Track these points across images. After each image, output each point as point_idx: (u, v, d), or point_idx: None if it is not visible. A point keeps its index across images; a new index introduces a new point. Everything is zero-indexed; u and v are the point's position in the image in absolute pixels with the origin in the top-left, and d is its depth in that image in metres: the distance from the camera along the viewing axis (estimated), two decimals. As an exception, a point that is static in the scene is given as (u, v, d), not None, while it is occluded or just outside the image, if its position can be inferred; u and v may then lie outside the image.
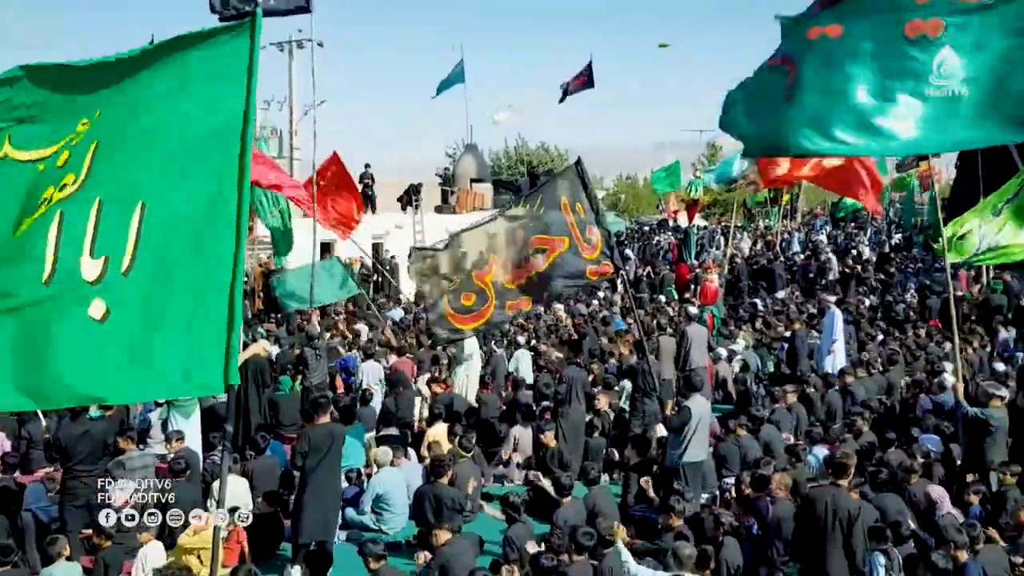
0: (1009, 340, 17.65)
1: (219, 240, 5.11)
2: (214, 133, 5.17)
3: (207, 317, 5.08)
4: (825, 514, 7.80)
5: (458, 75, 35.89)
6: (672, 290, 26.63)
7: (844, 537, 7.75)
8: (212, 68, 5.19)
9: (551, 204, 11.13)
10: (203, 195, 5.17)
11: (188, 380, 5.15)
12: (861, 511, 7.94)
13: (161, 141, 5.24)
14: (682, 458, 10.32)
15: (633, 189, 69.44)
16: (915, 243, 36.29)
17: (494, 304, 11.12)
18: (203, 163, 5.19)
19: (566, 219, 10.98)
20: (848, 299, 23.46)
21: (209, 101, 5.21)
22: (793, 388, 13.73)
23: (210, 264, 5.11)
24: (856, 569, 7.80)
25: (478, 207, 34.75)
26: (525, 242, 11.18)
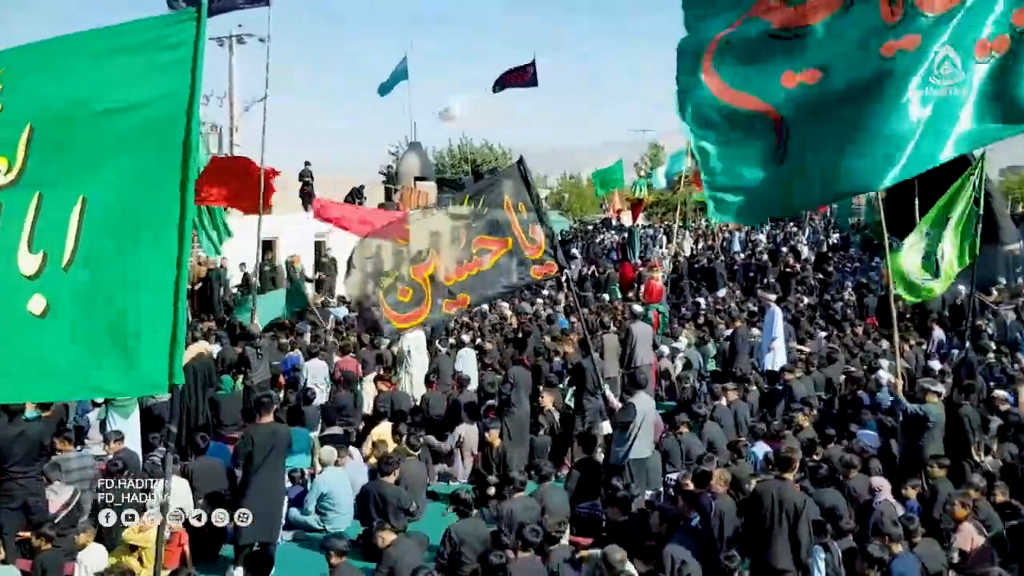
0: (943, 339, 18.09)
1: (162, 236, 5.01)
2: (157, 126, 5.06)
3: (151, 315, 4.98)
4: (772, 507, 8.03)
5: (402, 72, 35.66)
6: (616, 289, 26.80)
7: (790, 529, 7.97)
8: (156, 60, 5.08)
9: (495, 204, 11.10)
10: (146, 190, 5.06)
11: (131, 379, 5.05)
12: (806, 504, 8.17)
13: (103, 134, 5.11)
14: (628, 455, 10.40)
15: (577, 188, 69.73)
16: (852, 243, 37.02)
17: (430, 302, 11.04)
18: (145, 157, 5.07)
19: (510, 219, 10.94)
20: (788, 298, 23.86)
21: (152, 94, 5.09)
22: (734, 385, 13.92)
23: (153, 261, 5.01)
24: (800, 561, 8.00)
25: (422, 205, 34.55)
26: (469, 241, 11.13)
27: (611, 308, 22.17)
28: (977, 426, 10.83)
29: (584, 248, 37.24)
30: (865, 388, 14.14)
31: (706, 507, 9.04)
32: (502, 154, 54.74)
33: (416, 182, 35.98)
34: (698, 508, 9.16)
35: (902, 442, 11.04)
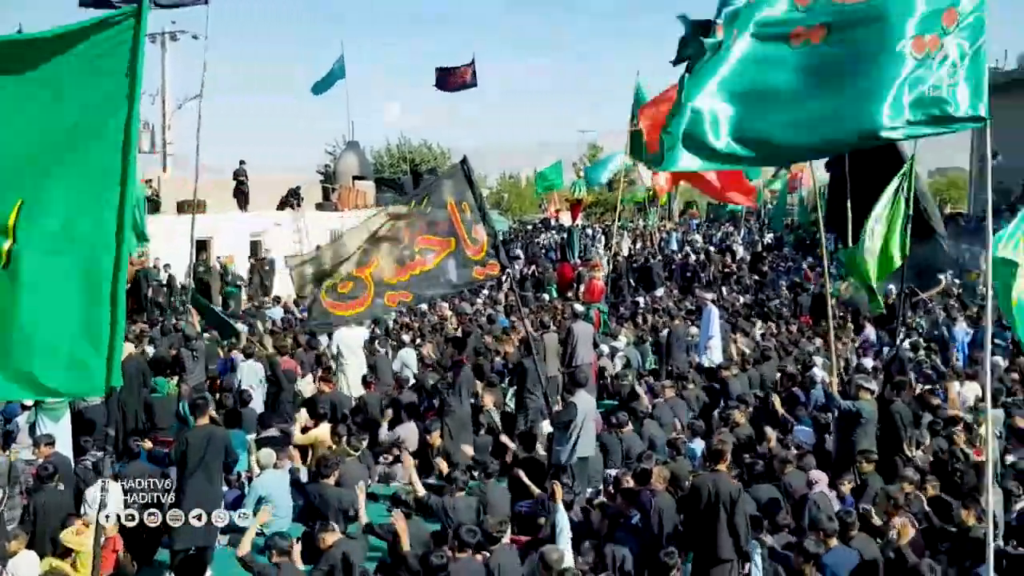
0: (874, 337, 18.52)
1: (101, 238, 4.92)
2: (96, 128, 4.96)
3: (89, 317, 4.89)
4: (710, 498, 8.19)
5: (339, 71, 35.38)
6: (553, 289, 26.90)
7: (728, 517, 8.13)
8: (94, 61, 4.97)
9: (438, 204, 11.07)
10: (84, 193, 4.96)
11: (69, 381, 4.95)
12: (741, 492, 8.38)
13: (41, 136, 5.00)
14: (571, 454, 10.45)
15: (516, 188, 69.92)
16: (786, 243, 37.72)
17: (373, 294, 10.97)
18: (84, 159, 4.97)
19: (453, 219, 10.93)
20: (724, 296, 24.20)
21: (91, 95, 4.98)
22: (672, 383, 14.07)
23: (92, 263, 4.91)
24: (741, 549, 8.21)
25: (361, 205, 34.34)
26: (411, 241, 11.08)
27: (551, 308, 22.25)
28: (908, 422, 11.10)
29: (524, 248, 37.33)
30: (800, 385, 14.40)
31: (646, 504, 9.11)
32: (440, 154, 54.60)
33: (354, 181, 35.69)
34: (638, 506, 9.23)
35: (836, 438, 11.27)
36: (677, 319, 18.75)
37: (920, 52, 5.56)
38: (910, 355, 15.56)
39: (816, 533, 8.25)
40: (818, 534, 8.22)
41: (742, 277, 28.69)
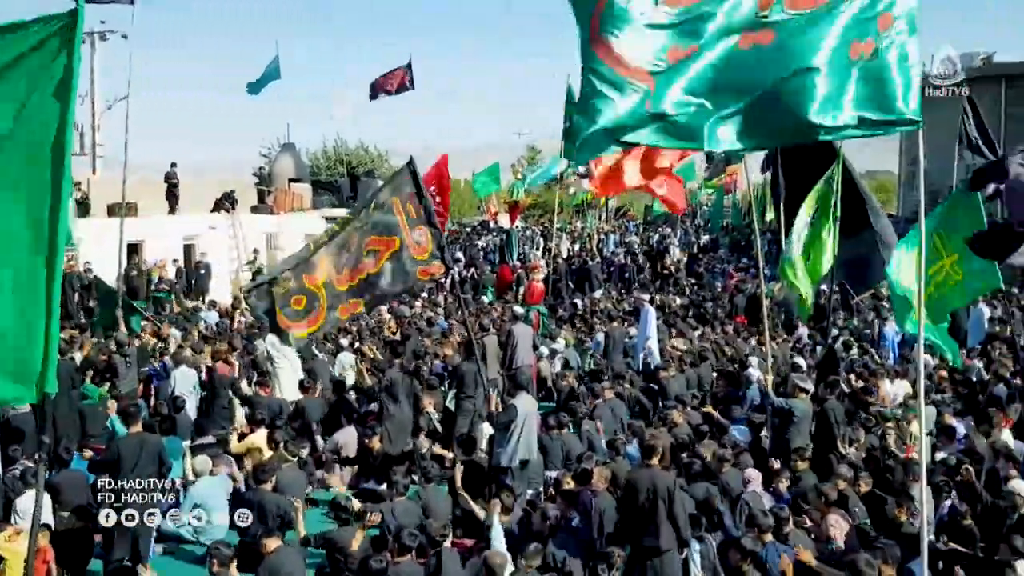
0: (806, 336, 18.88)
1: (35, 244, 4.80)
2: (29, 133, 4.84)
3: (22, 323, 4.77)
4: (648, 492, 8.29)
5: (274, 71, 34.93)
6: (490, 291, 26.90)
7: (668, 509, 8.25)
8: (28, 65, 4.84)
9: (385, 205, 11.07)
10: (15, 199, 4.83)
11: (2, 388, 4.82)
12: (676, 483, 8.56)
13: None
14: (512, 457, 10.46)
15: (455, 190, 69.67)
16: (721, 244, 38.29)
17: (326, 307, 10.94)
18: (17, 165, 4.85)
19: (398, 220, 10.92)
20: (661, 297, 24.46)
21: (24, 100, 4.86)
22: (611, 384, 14.16)
23: (26, 269, 4.79)
24: (681, 538, 8.36)
25: (296, 208, 33.97)
26: (359, 245, 11.06)
27: (490, 310, 22.27)
28: (841, 419, 11.32)
29: (463, 250, 37.29)
30: (736, 384, 14.60)
31: (587, 505, 9.16)
32: (378, 156, 54.24)
33: (290, 184, 35.29)
34: (579, 507, 9.27)
35: (771, 436, 11.46)
36: (615, 320, 18.90)
37: (856, 56, 5.68)
38: (842, 354, 15.90)
39: (752, 530, 8.38)
40: (754, 531, 8.34)
41: (679, 278, 29.01)
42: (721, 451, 10.76)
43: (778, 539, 8.39)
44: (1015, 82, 39.75)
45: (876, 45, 5.66)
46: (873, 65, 5.66)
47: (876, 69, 5.66)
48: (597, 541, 8.94)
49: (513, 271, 27.19)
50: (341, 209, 36.45)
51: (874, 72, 5.65)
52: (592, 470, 9.51)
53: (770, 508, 9.03)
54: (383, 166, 53.88)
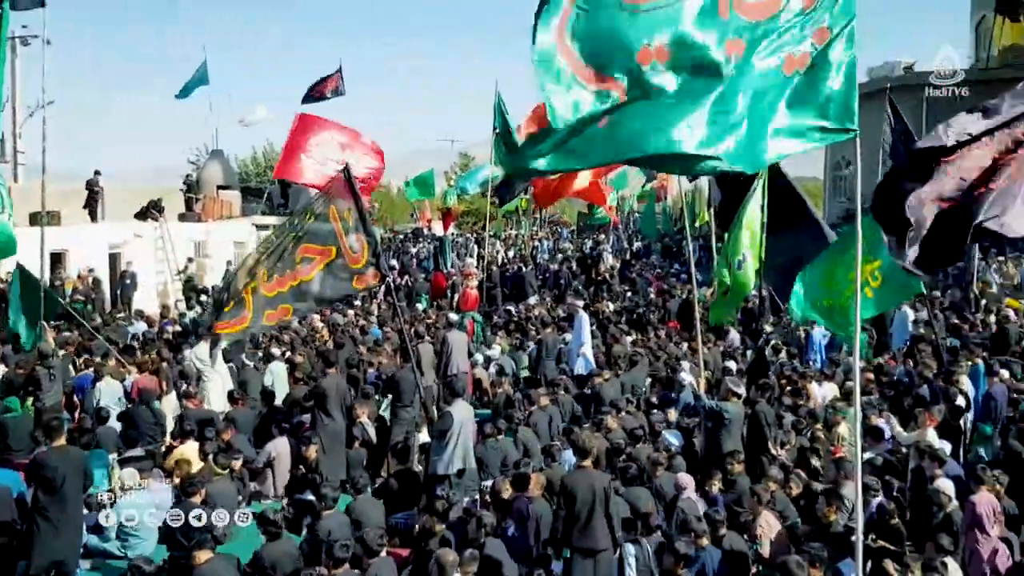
0: (737, 340, 19.15)
1: None
2: None
3: None
4: (583, 493, 8.46)
5: (202, 77, 34.42)
6: (424, 298, 26.79)
7: (603, 510, 8.47)
8: None
9: (321, 213, 11.01)
10: None
11: None
12: (610, 483, 8.82)
13: None
14: (448, 465, 10.41)
15: (387, 197, 69.39)
16: (653, 250, 38.70)
17: (252, 312, 10.84)
18: None
19: (334, 228, 10.85)
20: (595, 304, 24.58)
21: None
22: (547, 391, 14.19)
23: None
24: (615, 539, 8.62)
25: (226, 215, 33.42)
26: (292, 252, 10.97)
27: (424, 317, 22.16)
28: (772, 421, 11.50)
29: (396, 258, 37.08)
30: (669, 389, 14.74)
31: (523, 511, 9.16)
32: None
33: (219, 191, 34.72)
34: (515, 513, 9.26)
35: (703, 439, 11.59)
36: (548, 327, 18.96)
37: (791, 70, 5.78)
38: (772, 358, 16.15)
39: (688, 534, 8.46)
40: (689, 535, 8.42)
41: (612, 285, 29.22)
42: (655, 455, 10.84)
43: (713, 543, 8.48)
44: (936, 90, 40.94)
45: (812, 57, 5.77)
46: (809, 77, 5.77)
47: (812, 81, 5.76)
48: (533, 548, 8.95)
49: (447, 278, 27.10)
50: (271, 216, 35.99)
51: (810, 84, 5.76)
52: (528, 476, 9.51)
53: (705, 512, 9.13)
54: (314, 173, 53.28)
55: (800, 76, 5.77)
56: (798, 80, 5.77)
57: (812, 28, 5.81)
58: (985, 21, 48.65)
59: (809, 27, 5.81)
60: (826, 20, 5.82)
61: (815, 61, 5.78)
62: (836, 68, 5.77)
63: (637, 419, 12.87)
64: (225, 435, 12.47)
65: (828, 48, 5.80)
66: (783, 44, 5.81)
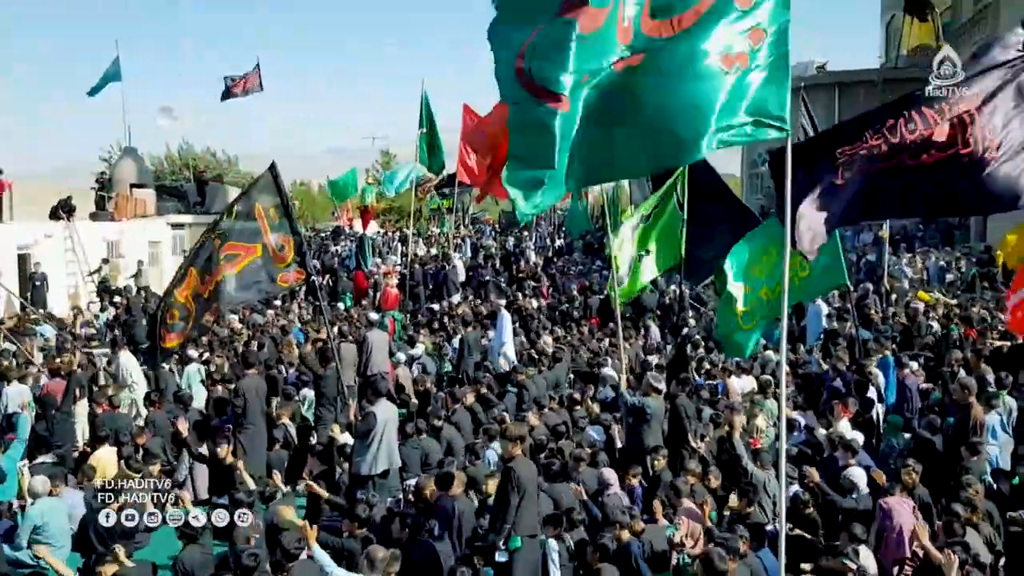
0: (657, 335, 19.41)
1: None
2: None
3: None
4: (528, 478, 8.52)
5: (114, 73, 33.54)
6: (348, 298, 26.55)
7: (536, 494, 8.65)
8: None
9: (246, 211, 10.88)
10: None
11: None
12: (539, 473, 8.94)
13: None
14: (373, 465, 10.33)
15: (308, 195, 68.62)
16: (575, 248, 38.95)
17: (195, 316, 10.78)
18: None
19: (260, 226, 10.74)
20: (518, 301, 24.65)
21: None
22: (470, 388, 14.19)
23: None
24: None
25: (139, 214, 32.60)
26: (218, 250, 10.84)
27: (346, 317, 21.97)
28: (692, 415, 11.68)
29: (317, 257, 36.65)
30: (592, 384, 14.87)
31: (447, 510, 9.14)
32: (226, 160, 52.78)
33: (132, 189, 33.83)
34: (439, 512, 9.24)
35: (625, 434, 11.72)
36: (470, 325, 18.96)
37: (729, 67, 5.89)
38: (691, 352, 16.41)
39: (610, 528, 8.54)
40: (612, 529, 8.51)
41: (535, 282, 29.34)
42: (577, 451, 10.93)
43: (635, 536, 8.58)
44: (847, 89, 42.09)
45: (748, 57, 5.89)
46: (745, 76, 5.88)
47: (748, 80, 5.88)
48: (456, 546, 8.94)
49: (368, 277, 26.89)
50: (187, 215, 35.26)
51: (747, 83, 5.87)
52: (452, 475, 9.50)
53: (627, 506, 9.24)
54: (232, 171, 52.42)
55: (737, 74, 5.89)
56: (736, 78, 5.88)
57: (749, 28, 5.93)
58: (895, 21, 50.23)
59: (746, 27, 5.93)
60: (761, 20, 5.95)
61: (751, 60, 5.90)
62: (771, 67, 5.91)
63: (560, 415, 12.96)
64: (141, 439, 12.22)
65: (763, 48, 5.92)
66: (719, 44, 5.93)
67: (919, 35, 46.48)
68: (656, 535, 8.72)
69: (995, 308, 19.61)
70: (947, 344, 16.11)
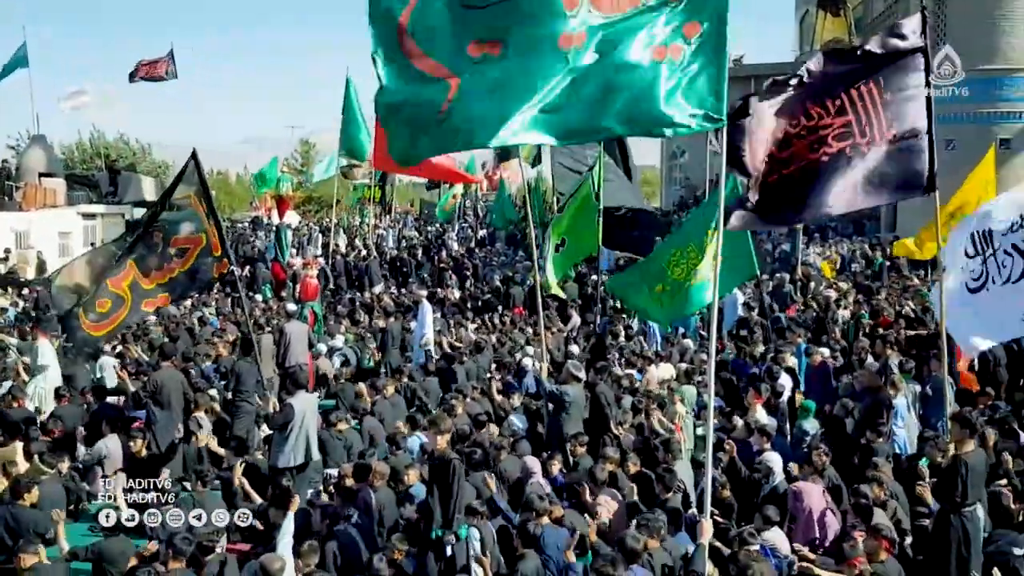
0: (578, 325, 19.60)
1: None
2: None
3: None
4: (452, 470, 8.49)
5: (21, 59, 32.49)
6: (267, 289, 26.18)
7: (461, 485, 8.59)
8: None
9: (182, 202, 10.70)
10: None
11: None
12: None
13: None
14: (292, 457, 10.23)
15: (226, 186, 67.45)
16: (498, 238, 39.03)
17: (129, 307, 10.58)
18: None
19: (199, 214, 10.61)
20: (440, 291, 24.64)
21: None
22: (392, 380, 14.14)
23: None
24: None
25: (49, 204, 31.64)
26: (164, 244, 10.68)
27: (265, 308, 21.68)
28: (612, 402, 11.82)
29: (235, 247, 36.03)
30: (514, 374, 14.94)
31: (367, 501, 9.11)
32: (140, 149, 51.54)
33: (41, 179, 32.80)
34: (359, 502, 9.20)
35: (547, 422, 11.81)
36: (392, 316, 18.87)
37: (662, 58, 5.96)
38: (611, 341, 16.63)
39: (530, 514, 8.61)
40: (532, 515, 8.57)
41: (458, 271, 29.34)
42: (499, 439, 10.98)
43: (555, 522, 8.66)
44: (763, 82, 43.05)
45: (683, 50, 5.97)
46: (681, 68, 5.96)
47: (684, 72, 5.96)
48: (378, 537, 8.93)
49: (285, 268, 26.51)
50: (99, 205, 34.34)
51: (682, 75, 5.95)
52: (371, 466, 9.47)
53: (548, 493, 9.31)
54: (145, 160, 51.21)
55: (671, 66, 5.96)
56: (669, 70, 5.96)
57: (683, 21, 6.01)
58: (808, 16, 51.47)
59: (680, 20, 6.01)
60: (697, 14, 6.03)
61: (686, 54, 5.98)
62: (706, 61, 5.99)
63: (482, 404, 13.00)
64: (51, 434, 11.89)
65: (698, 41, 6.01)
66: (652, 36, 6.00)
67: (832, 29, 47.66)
68: (578, 521, 8.82)
69: (901, 297, 20.29)
70: (857, 332, 16.63)
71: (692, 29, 6.07)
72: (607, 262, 28.97)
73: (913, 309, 17.58)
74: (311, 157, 60.76)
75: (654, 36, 6.03)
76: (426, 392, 14.34)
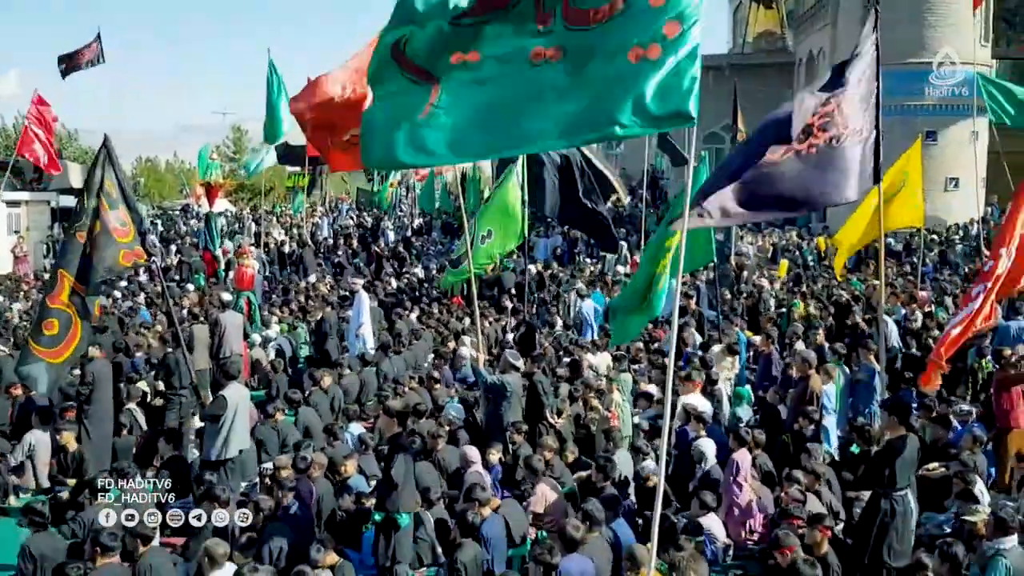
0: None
1: None
2: None
3: None
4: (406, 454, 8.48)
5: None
6: (200, 278, 25.73)
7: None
8: None
9: (91, 189, 10.40)
10: None
11: None
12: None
13: None
14: (223, 449, 10.09)
15: (155, 173, 66.12)
16: (434, 227, 38.92)
17: (80, 323, 10.21)
18: None
19: (100, 202, 10.29)
20: (377, 281, 24.49)
21: None
22: (329, 370, 14.03)
23: None
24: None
25: (-38, 194, 30.63)
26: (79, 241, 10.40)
27: (197, 298, 21.31)
28: (548, 391, 11.89)
29: (164, 236, 35.35)
30: (451, 364, 14.94)
31: (305, 493, 9.05)
32: (66, 136, 50.21)
33: (-39, 166, 31.79)
34: (297, 494, 9.13)
35: (485, 411, 11.83)
36: (329, 306, 18.70)
37: (637, 59, 6.00)
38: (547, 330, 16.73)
39: (472, 504, 8.63)
40: (474, 505, 8.60)
41: (396, 260, 29.21)
42: (436, 429, 10.97)
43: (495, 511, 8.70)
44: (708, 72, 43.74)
45: (662, 50, 6.02)
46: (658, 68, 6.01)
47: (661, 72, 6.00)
48: (317, 528, 8.87)
49: (217, 257, 26.07)
50: (24, 192, 33.41)
51: (659, 74, 5.99)
52: (308, 459, 9.39)
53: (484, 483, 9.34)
54: (71, 146, 49.97)
55: (648, 65, 6.01)
56: (645, 69, 6.00)
57: (663, 22, 6.06)
58: (741, 8, 52.19)
59: (660, 22, 6.06)
60: (678, 14, 6.08)
61: (665, 53, 6.03)
62: (682, 60, 6.04)
63: (420, 394, 12.97)
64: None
65: (678, 40, 6.05)
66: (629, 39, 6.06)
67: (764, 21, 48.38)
68: (515, 511, 8.87)
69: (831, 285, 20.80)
70: (788, 319, 16.96)
71: (672, 29, 6.14)
72: (544, 253, 29.15)
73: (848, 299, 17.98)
74: (243, 144, 59.86)
75: (632, 38, 6.09)
76: (363, 383, 14.25)
